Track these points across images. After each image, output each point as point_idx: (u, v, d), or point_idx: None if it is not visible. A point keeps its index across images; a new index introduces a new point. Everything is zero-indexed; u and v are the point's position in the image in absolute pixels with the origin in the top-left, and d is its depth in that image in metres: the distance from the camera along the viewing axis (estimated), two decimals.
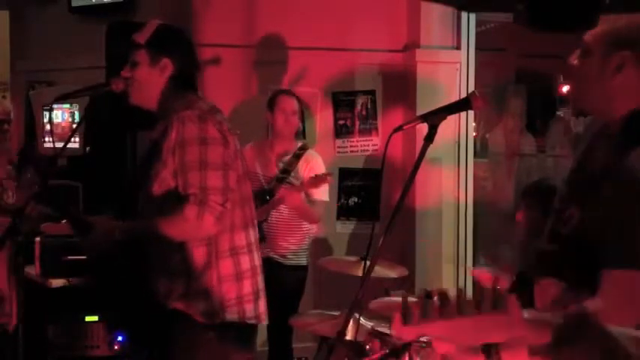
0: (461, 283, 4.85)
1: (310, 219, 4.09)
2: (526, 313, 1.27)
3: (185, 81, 2.65)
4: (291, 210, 3.97)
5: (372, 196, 4.92)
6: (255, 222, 2.74)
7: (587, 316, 1.33)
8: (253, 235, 2.68)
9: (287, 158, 4.07)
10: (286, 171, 4.04)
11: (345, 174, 4.94)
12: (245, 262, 2.61)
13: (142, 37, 2.62)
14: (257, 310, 2.64)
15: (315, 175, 3.90)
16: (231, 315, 2.57)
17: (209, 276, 2.54)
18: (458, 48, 4.84)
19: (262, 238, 3.76)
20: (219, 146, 2.50)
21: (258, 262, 2.68)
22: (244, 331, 2.64)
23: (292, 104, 4.07)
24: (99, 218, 2.63)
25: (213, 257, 2.55)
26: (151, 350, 2.91)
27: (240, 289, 2.58)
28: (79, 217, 2.67)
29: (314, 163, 4.07)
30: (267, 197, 3.96)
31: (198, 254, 2.54)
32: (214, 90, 4.61)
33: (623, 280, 1.67)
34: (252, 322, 2.64)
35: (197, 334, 2.56)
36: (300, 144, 4.17)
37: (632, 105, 1.80)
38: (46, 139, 4.81)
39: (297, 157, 4.07)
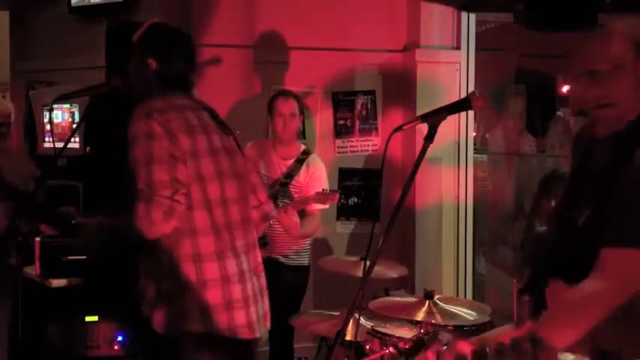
0: (461, 283, 4.85)
1: (304, 236, 4.01)
2: None
3: (173, 81, 2.61)
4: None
5: (372, 196, 4.91)
6: (239, 226, 2.61)
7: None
8: (229, 240, 2.54)
9: (290, 162, 4.07)
10: (290, 176, 4.03)
11: (345, 174, 4.94)
12: (212, 270, 2.47)
13: (136, 37, 2.67)
14: (231, 322, 2.49)
15: (323, 190, 3.89)
16: (194, 325, 2.45)
17: (171, 283, 2.46)
18: (458, 48, 4.84)
19: (264, 244, 3.76)
20: (164, 140, 2.43)
21: (233, 270, 2.52)
22: (212, 343, 2.48)
23: (290, 107, 4.01)
24: (92, 218, 2.61)
25: (174, 263, 2.46)
26: (148, 350, 2.91)
27: (205, 298, 2.45)
28: (59, 219, 2.64)
29: (314, 169, 4.06)
30: None
31: (164, 259, 2.47)
32: (215, 90, 4.61)
33: (621, 259, 1.73)
34: (225, 334, 2.49)
35: (160, 345, 2.49)
36: (303, 147, 4.16)
37: None
38: (46, 139, 4.81)
39: (300, 162, 4.07)
